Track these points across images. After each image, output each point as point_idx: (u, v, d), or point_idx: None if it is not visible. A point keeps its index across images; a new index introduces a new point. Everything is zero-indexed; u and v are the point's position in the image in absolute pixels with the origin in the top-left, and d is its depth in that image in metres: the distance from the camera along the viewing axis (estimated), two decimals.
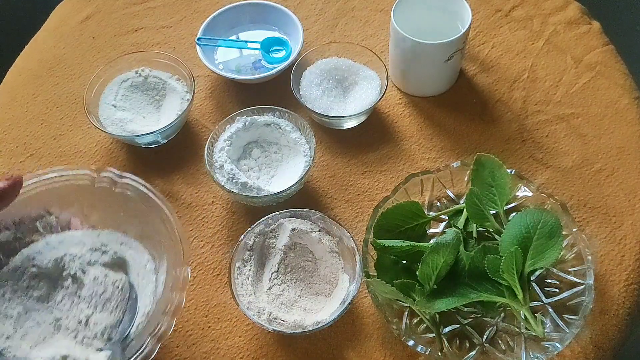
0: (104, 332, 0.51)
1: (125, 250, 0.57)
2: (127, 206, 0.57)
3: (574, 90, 0.79)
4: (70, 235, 0.57)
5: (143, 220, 0.57)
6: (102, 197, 0.57)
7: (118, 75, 0.78)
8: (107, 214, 0.58)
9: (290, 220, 0.65)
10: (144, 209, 0.56)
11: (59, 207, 0.58)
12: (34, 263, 0.54)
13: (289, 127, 0.72)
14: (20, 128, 0.81)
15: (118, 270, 0.56)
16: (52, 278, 0.55)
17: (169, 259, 0.54)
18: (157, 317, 0.50)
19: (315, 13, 0.90)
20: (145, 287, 0.55)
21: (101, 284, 0.54)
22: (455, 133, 0.76)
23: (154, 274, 0.55)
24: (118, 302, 0.53)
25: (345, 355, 0.61)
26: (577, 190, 0.70)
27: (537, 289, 0.61)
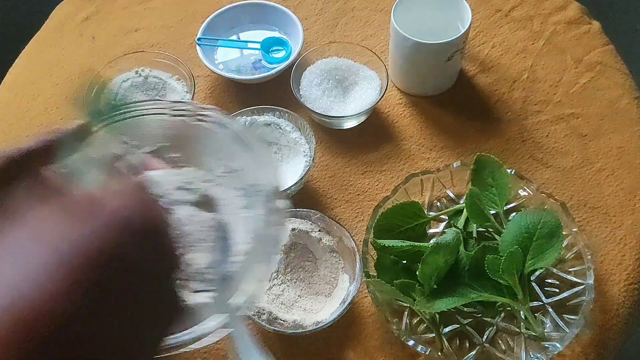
0: (198, 273, 0.48)
1: (213, 188, 0.53)
2: (211, 140, 0.53)
3: (574, 90, 0.79)
4: (152, 174, 0.53)
5: (227, 152, 0.53)
6: (183, 131, 0.53)
7: (118, 75, 0.78)
8: (188, 149, 0.54)
9: (290, 220, 0.65)
10: (228, 143, 0.52)
11: (139, 144, 0.54)
12: None
13: (289, 127, 0.72)
14: (20, 128, 0.81)
15: (206, 209, 0.52)
16: None
17: (263, 191, 0.50)
18: (262, 254, 0.47)
19: (315, 13, 0.90)
20: (238, 225, 0.51)
21: (193, 223, 0.50)
22: (455, 133, 0.76)
23: (247, 211, 0.52)
24: (210, 242, 0.50)
25: (345, 355, 0.61)
26: (577, 190, 0.70)
27: (537, 289, 0.61)
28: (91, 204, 0.35)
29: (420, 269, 0.56)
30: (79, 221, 0.33)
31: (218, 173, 0.54)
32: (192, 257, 0.48)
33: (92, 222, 0.33)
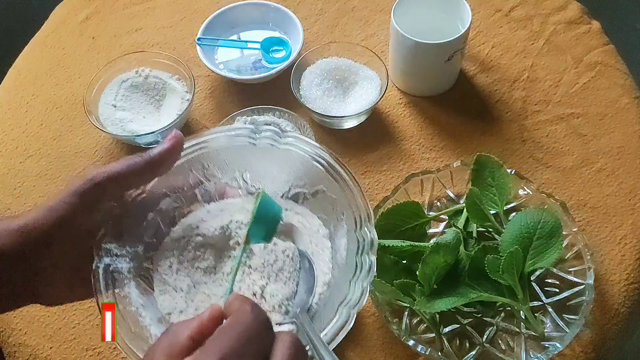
0: (281, 304, 0.46)
1: (292, 216, 0.52)
2: (291, 166, 0.51)
3: (574, 90, 0.79)
4: (231, 202, 0.52)
5: (311, 179, 0.51)
6: (264, 158, 0.51)
7: (118, 75, 0.78)
8: (268, 177, 0.53)
9: None
10: (311, 168, 0.49)
11: (217, 171, 0.53)
12: (198, 232, 0.50)
13: (289, 127, 0.72)
14: (20, 128, 0.81)
15: (286, 238, 0.51)
16: (218, 247, 0.50)
17: (348, 220, 0.48)
18: (345, 285, 0.44)
19: (315, 13, 0.90)
20: (320, 254, 0.50)
21: (272, 252, 0.49)
22: (455, 133, 0.76)
23: (328, 240, 0.50)
24: (290, 272, 0.48)
25: (345, 355, 0.61)
26: (577, 190, 0.70)
27: (537, 289, 0.61)
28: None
29: (420, 269, 0.56)
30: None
31: (298, 201, 0.53)
32: (275, 288, 0.47)
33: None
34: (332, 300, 0.45)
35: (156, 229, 0.50)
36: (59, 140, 0.79)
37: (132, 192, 0.48)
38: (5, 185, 0.76)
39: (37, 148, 0.79)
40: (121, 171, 0.45)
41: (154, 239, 0.50)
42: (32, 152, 0.78)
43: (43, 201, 0.44)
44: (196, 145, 0.50)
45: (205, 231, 0.50)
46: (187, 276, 0.49)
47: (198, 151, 0.51)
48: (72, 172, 0.76)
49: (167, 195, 0.51)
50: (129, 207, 0.48)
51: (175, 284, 0.48)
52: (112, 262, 0.46)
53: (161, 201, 0.51)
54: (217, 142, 0.51)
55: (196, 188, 0.52)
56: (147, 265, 0.49)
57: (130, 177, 0.46)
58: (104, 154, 0.77)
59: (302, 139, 0.50)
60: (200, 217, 0.51)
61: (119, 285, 0.45)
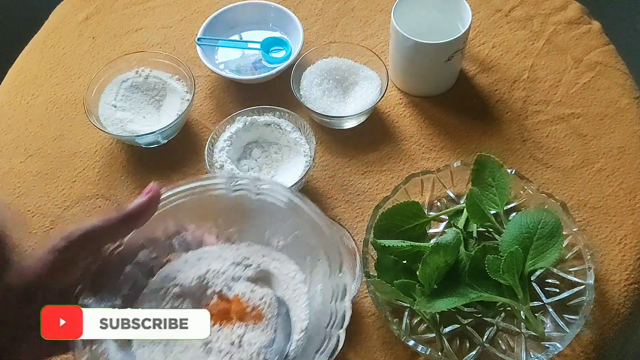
0: (259, 352, 0.47)
1: (269, 263, 0.52)
2: (268, 214, 0.52)
3: (574, 90, 0.79)
4: (208, 251, 0.53)
5: (287, 227, 0.52)
6: (240, 206, 0.52)
7: (118, 75, 0.78)
8: (245, 224, 0.53)
9: None
10: (287, 215, 0.51)
11: (194, 221, 0.53)
12: (176, 282, 0.50)
13: (289, 127, 0.72)
14: (21, 128, 0.81)
15: (264, 285, 0.51)
16: (195, 297, 0.50)
17: (323, 266, 0.48)
18: (321, 332, 0.45)
19: (315, 13, 0.90)
20: (297, 301, 0.50)
21: (248, 300, 0.49)
22: (455, 133, 0.76)
23: (305, 285, 0.50)
24: (269, 319, 0.48)
25: (346, 355, 0.61)
26: (577, 190, 0.70)
27: (537, 289, 0.61)
28: None
29: (420, 269, 0.56)
30: None
31: (275, 247, 0.53)
32: (253, 336, 0.47)
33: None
34: (309, 348, 0.45)
35: (134, 281, 0.51)
36: (59, 140, 0.79)
37: (109, 245, 0.48)
38: (5, 185, 0.76)
39: (37, 148, 0.79)
40: (97, 227, 0.45)
41: (132, 291, 0.50)
42: (32, 152, 0.78)
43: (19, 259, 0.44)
44: (173, 196, 0.51)
45: (182, 281, 0.50)
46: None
47: (175, 202, 0.51)
48: (72, 172, 0.76)
49: (144, 247, 0.51)
50: (107, 261, 0.48)
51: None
52: None
53: (139, 253, 0.51)
54: (193, 193, 0.51)
55: (173, 238, 0.53)
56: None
57: (106, 232, 0.46)
58: (104, 154, 0.77)
59: (277, 185, 0.51)
60: (178, 267, 0.52)
61: (97, 342, 0.45)
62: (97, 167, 0.76)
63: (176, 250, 0.53)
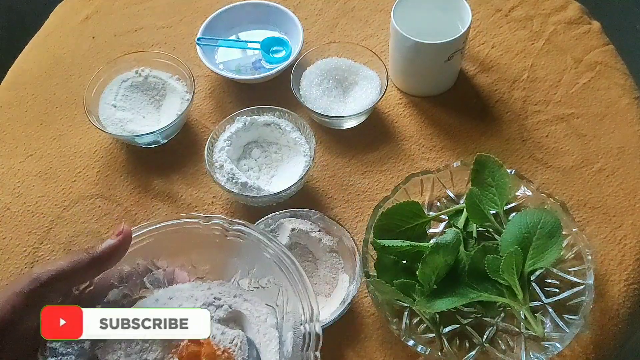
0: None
1: (241, 304, 0.52)
2: (241, 255, 0.52)
3: (574, 90, 0.79)
4: (179, 289, 0.52)
5: (259, 269, 0.52)
6: (212, 245, 0.52)
7: (118, 75, 0.78)
8: (217, 264, 0.53)
9: (290, 220, 0.65)
10: (260, 257, 0.51)
11: (166, 258, 0.54)
12: None
13: (289, 127, 0.72)
14: (20, 128, 0.81)
15: (234, 326, 0.51)
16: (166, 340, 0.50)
17: (295, 314, 0.48)
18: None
19: (315, 13, 0.90)
20: (267, 345, 0.50)
21: (219, 343, 0.49)
22: (455, 133, 0.76)
23: (275, 330, 0.50)
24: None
25: (345, 355, 0.61)
26: (577, 190, 0.70)
27: (537, 289, 0.61)
28: None
29: (420, 269, 0.56)
30: None
31: (247, 288, 0.53)
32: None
33: None
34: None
35: None
36: (59, 140, 0.79)
37: (79, 286, 0.48)
38: (5, 184, 0.76)
39: (37, 147, 0.79)
40: (66, 269, 0.45)
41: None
42: (32, 151, 0.78)
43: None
44: (144, 235, 0.51)
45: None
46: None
47: (146, 240, 0.51)
48: (72, 172, 0.76)
49: (115, 286, 0.51)
50: (76, 302, 0.48)
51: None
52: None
53: (109, 292, 0.51)
54: (165, 232, 0.52)
55: (145, 276, 0.53)
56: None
57: (75, 274, 0.46)
58: (104, 154, 0.77)
59: (251, 228, 0.51)
60: (148, 307, 0.51)
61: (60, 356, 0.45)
62: (97, 167, 0.76)
63: (147, 288, 0.53)
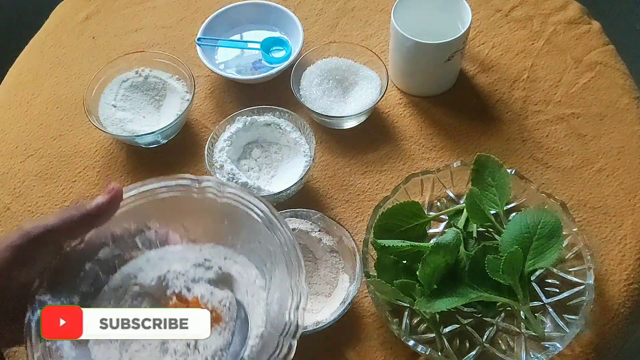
0: (214, 355, 0.47)
1: (231, 266, 0.52)
2: (232, 218, 0.52)
3: (574, 90, 0.79)
4: (171, 250, 0.53)
5: (250, 232, 0.51)
6: (204, 208, 0.52)
7: (118, 75, 0.78)
8: (209, 226, 0.53)
9: (290, 220, 0.65)
10: (251, 220, 0.50)
11: (158, 220, 0.53)
12: (136, 282, 0.51)
13: (289, 127, 0.72)
14: (20, 128, 0.81)
15: (224, 287, 0.51)
16: (155, 297, 0.51)
17: (282, 274, 0.48)
18: (274, 339, 0.45)
19: (315, 13, 0.90)
20: (255, 306, 0.50)
21: (207, 303, 0.49)
22: (455, 133, 0.76)
23: (264, 291, 0.50)
24: (227, 322, 0.49)
25: (345, 355, 0.61)
26: (577, 190, 0.70)
27: (537, 289, 0.61)
28: None
29: (420, 269, 0.56)
30: None
31: (237, 251, 0.53)
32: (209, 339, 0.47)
33: None
34: (262, 354, 0.45)
35: (94, 278, 0.51)
36: (59, 140, 0.79)
37: (69, 242, 0.48)
38: (5, 184, 0.76)
39: (37, 148, 0.79)
40: (57, 224, 0.45)
41: (92, 288, 0.50)
42: (32, 151, 0.78)
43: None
44: (135, 195, 0.51)
45: (142, 281, 0.51)
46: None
47: (138, 201, 0.51)
48: (72, 172, 0.76)
49: (106, 245, 0.51)
50: (66, 258, 0.48)
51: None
52: None
53: (100, 250, 0.51)
54: (157, 193, 0.52)
55: (136, 236, 0.53)
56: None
57: (65, 230, 0.46)
58: (104, 154, 0.77)
59: (242, 190, 0.51)
60: (139, 266, 0.52)
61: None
62: (97, 167, 0.76)
63: (139, 248, 0.53)
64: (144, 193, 0.51)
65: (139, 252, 0.53)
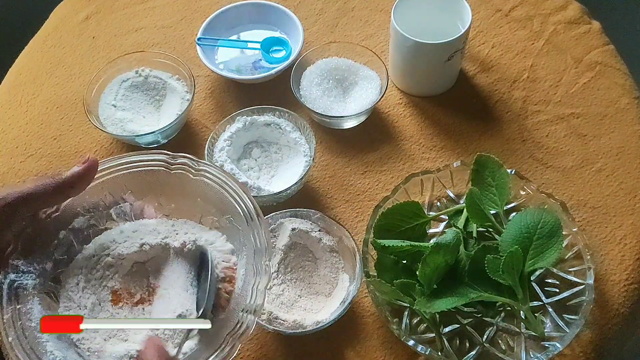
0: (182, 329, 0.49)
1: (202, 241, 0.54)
2: (205, 195, 0.54)
3: (574, 90, 0.79)
4: (144, 223, 0.55)
5: (221, 208, 0.53)
6: (178, 184, 0.54)
7: (118, 75, 0.78)
8: (182, 202, 0.56)
9: (290, 220, 0.65)
10: (222, 198, 0.52)
11: (133, 194, 0.56)
12: (109, 252, 0.53)
13: (289, 127, 0.72)
14: (20, 128, 0.81)
15: (194, 260, 0.53)
16: (125, 268, 0.53)
17: (248, 252, 0.50)
18: (236, 314, 0.47)
19: (315, 13, 0.90)
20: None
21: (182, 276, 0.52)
22: (455, 133, 0.76)
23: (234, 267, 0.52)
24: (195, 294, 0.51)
25: (345, 355, 0.61)
26: (577, 190, 0.70)
27: (537, 289, 0.61)
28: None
29: (420, 269, 0.56)
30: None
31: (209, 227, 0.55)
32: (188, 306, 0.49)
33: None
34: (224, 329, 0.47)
35: (68, 246, 0.52)
36: (59, 140, 0.79)
37: (46, 210, 0.50)
38: (5, 184, 0.76)
39: (37, 147, 0.79)
40: (33, 192, 0.46)
41: (65, 256, 0.52)
42: (32, 151, 0.78)
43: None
44: (112, 168, 0.53)
45: (115, 252, 0.52)
46: (93, 294, 0.51)
47: (114, 174, 0.53)
48: None
49: (81, 214, 0.53)
50: (41, 225, 0.50)
51: (80, 301, 0.50)
52: (18, 278, 0.48)
53: (75, 220, 0.53)
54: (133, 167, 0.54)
55: (111, 208, 0.55)
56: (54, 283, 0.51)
57: (41, 198, 0.47)
58: (104, 154, 0.77)
59: (215, 168, 0.53)
60: (113, 237, 0.54)
61: (22, 301, 0.47)
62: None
63: (114, 220, 0.55)
64: (120, 166, 0.54)
65: (113, 224, 0.55)
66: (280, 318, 0.58)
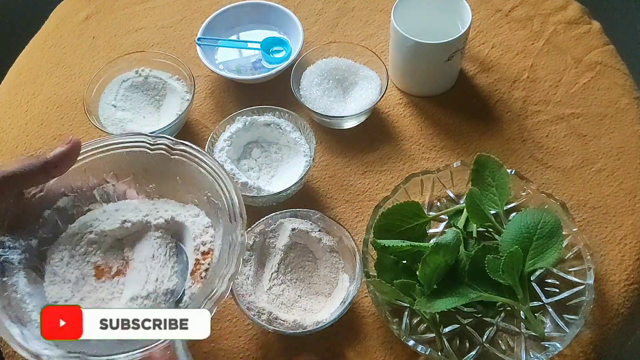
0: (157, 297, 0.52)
1: (182, 217, 0.57)
2: (183, 174, 0.56)
3: (574, 90, 0.79)
4: (126, 203, 0.58)
5: (199, 187, 0.56)
6: (158, 164, 0.57)
7: (118, 75, 0.78)
8: (162, 182, 0.58)
9: (290, 220, 0.65)
10: (201, 176, 0.55)
11: (115, 175, 0.58)
12: (92, 229, 0.55)
13: (289, 127, 0.72)
14: (20, 128, 0.81)
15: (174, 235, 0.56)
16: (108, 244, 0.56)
17: (225, 225, 0.53)
18: (213, 282, 0.49)
19: (315, 13, 0.90)
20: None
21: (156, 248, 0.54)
22: (455, 133, 0.76)
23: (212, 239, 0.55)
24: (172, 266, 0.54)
25: (345, 355, 0.61)
26: (577, 190, 0.70)
27: (537, 289, 0.61)
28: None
29: (420, 269, 0.56)
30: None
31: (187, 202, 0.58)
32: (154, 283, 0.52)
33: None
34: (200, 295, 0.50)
35: (53, 225, 0.55)
36: (59, 140, 0.79)
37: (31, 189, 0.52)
38: None
39: (37, 147, 0.79)
40: (17, 171, 0.48)
41: (50, 234, 0.55)
42: (33, 151, 0.78)
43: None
44: (94, 149, 0.56)
45: (98, 229, 0.55)
46: (77, 269, 0.54)
47: (96, 155, 0.56)
48: None
49: (65, 195, 0.56)
50: (27, 204, 0.52)
51: (64, 276, 0.53)
52: (4, 253, 0.50)
53: (59, 200, 0.55)
54: (114, 149, 0.56)
55: (95, 189, 0.58)
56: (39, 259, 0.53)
57: (26, 177, 0.48)
58: None
59: (193, 148, 0.55)
60: (95, 217, 0.56)
61: (8, 274, 0.50)
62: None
63: (97, 201, 0.58)
64: (102, 147, 0.56)
65: (97, 205, 0.58)
66: (280, 318, 0.58)
